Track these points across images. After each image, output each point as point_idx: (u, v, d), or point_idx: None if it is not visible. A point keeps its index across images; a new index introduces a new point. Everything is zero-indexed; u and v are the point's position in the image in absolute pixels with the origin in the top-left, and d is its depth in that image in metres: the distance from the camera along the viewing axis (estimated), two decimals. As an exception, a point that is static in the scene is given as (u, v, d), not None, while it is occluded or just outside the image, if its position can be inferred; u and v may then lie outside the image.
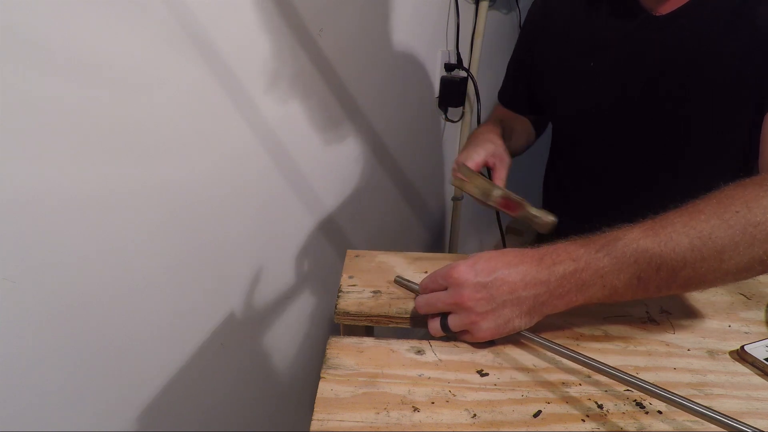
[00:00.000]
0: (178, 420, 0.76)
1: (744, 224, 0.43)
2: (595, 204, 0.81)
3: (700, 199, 0.46)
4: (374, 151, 1.08)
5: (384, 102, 1.06)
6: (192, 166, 0.65)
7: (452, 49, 1.28)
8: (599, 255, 0.44)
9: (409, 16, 1.05)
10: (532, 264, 0.46)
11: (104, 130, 0.54)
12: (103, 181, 0.55)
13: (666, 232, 0.44)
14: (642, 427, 0.41)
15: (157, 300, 0.66)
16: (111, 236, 0.58)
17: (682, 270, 0.44)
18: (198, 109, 0.64)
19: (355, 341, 0.50)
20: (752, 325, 0.54)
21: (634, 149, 0.72)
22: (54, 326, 0.55)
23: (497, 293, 0.45)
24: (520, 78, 0.87)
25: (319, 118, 0.87)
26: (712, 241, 0.43)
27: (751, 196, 0.44)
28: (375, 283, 0.59)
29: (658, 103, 0.67)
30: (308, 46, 0.79)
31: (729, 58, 0.61)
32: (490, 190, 0.62)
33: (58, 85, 0.48)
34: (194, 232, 0.69)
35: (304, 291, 0.97)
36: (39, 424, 0.56)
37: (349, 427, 0.40)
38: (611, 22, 0.70)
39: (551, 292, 0.45)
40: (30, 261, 0.51)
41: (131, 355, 0.65)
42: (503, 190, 0.63)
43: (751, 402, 0.44)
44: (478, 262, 0.47)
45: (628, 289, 0.45)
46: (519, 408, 0.43)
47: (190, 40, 0.60)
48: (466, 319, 0.47)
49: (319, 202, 0.94)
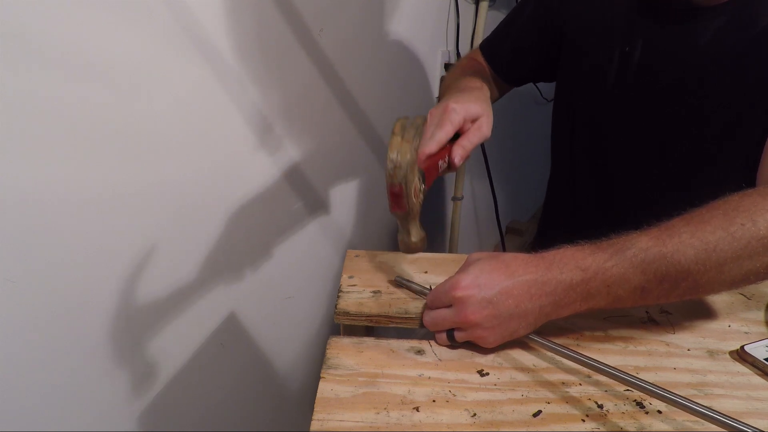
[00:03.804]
0: (178, 420, 0.76)
1: (749, 238, 0.43)
2: (608, 206, 0.78)
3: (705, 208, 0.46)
4: (375, 151, 1.08)
5: (384, 102, 1.05)
6: (192, 165, 0.65)
7: (452, 49, 1.28)
8: (608, 265, 0.44)
9: (409, 16, 1.05)
10: (537, 273, 0.45)
11: (104, 130, 0.54)
12: (103, 181, 0.55)
13: (673, 242, 0.43)
14: (642, 427, 0.41)
15: (157, 300, 0.66)
16: (111, 236, 0.58)
17: (684, 281, 0.44)
18: (198, 109, 0.64)
19: (355, 341, 0.50)
20: (752, 325, 0.54)
21: (660, 142, 0.69)
22: (54, 326, 0.55)
23: (503, 308, 0.45)
24: (523, 43, 0.81)
25: (319, 118, 0.87)
26: (716, 253, 0.43)
27: (755, 209, 0.44)
28: (375, 283, 0.59)
29: (691, 96, 0.64)
30: (308, 46, 0.79)
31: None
32: (408, 165, 0.49)
33: (58, 85, 0.48)
34: (194, 232, 0.69)
35: (304, 291, 0.97)
36: (39, 424, 0.56)
37: (349, 427, 0.40)
38: (649, 8, 0.66)
39: (557, 303, 0.45)
40: (30, 261, 0.51)
41: (131, 355, 0.65)
42: (418, 178, 0.51)
43: (751, 402, 0.44)
44: (480, 275, 0.46)
45: (630, 298, 0.45)
46: (519, 408, 0.43)
47: (190, 40, 0.60)
48: (472, 335, 0.47)
49: (319, 201, 0.94)
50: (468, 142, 0.56)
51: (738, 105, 0.62)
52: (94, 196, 0.55)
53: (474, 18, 1.32)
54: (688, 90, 0.64)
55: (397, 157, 0.49)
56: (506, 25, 0.85)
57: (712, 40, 0.61)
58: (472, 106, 0.57)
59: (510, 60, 0.84)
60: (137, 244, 0.61)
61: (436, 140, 0.53)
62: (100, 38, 0.51)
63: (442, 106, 0.56)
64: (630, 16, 0.68)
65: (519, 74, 0.86)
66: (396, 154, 0.49)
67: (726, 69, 0.61)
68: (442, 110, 0.55)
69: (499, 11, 1.44)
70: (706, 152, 0.66)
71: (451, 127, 0.54)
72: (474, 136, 0.57)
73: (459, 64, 0.89)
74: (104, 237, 0.57)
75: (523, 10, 0.81)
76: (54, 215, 0.52)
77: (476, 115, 0.57)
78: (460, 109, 0.55)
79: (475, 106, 0.57)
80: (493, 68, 0.86)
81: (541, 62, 0.82)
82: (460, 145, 0.56)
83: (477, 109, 0.57)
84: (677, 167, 0.69)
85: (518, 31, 0.82)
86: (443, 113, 0.55)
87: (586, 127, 0.77)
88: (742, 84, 0.61)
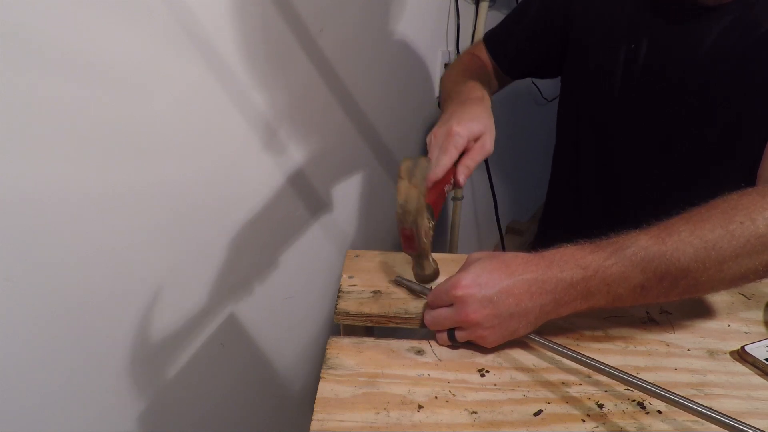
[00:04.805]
0: (178, 420, 0.76)
1: (748, 236, 0.43)
2: (611, 205, 0.78)
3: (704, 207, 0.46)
4: (374, 151, 1.08)
5: (384, 102, 1.05)
6: (192, 165, 0.65)
7: (452, 49, 1.28)
8: (608, 263, 0.44)
9: (409, 17, 1.05)
10: (537, 272, 0.45)
11: (104, 130, 0.54)
12: (103, 180, 0.55)
13: (672, 241, 0.44)
14: (642, 427, 0.41)
15: (157, 300, 0.66)
16: (111, 236, 0.58)
17: (683, 279, 0.44)
18: (198, 109, 0.64)
19: (355, 341, 0.50)
20: (752, 325, 0.54)
21: (665, 142, 0.69)
22: (54, 326, 0.55)
23: (503, 307, 0.45)
24: (530, 40, 0.81)
25: (319, 118, 0.87)
26: (716, 251, 0.43)
27: (754, 207, 0.44)
28: (375, 283, 0.59)
29: (694, 95, 0.64)
30: (308, 46, 0.79)
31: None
32: (417, 210, 0.49)
33: (58, 85, 0.48)
34: (194, 232, 0.69)
35: (304, 291, 0.97)
36: (39, 424, 0.56)
37: (349, 427, 0.40)
38: (655, 7, 0.66)
39: (557, 301, 0.45)
40: (30, 261, 0.51)
41: (131, 355, 0.65)
42: (429, 221, 0.52)
43: (751, 402, 0.44)
44: (481, 275, 0.46)
45: (630, 297, 0.45)
46: (519, 408, 0.43)
47: (190, 40, 0.60)
48: (473, 334, 0.47)
49: (319, 201, 0.94)
50: (471, 161, 0.57)
51: (740, 105, 0.62)
52: (94, 196, 0.55)
53: (474, 18, 1.32)
54: (692, 90, 0.64)
55: (406, 203, 0.50)
56: (512, 21, 0.85)
57: (717, 40, 0.61)
58: (475, 125, 0.57)
59: (514, 56, 0.84)
60: (137, 244, 0.61)
61: (441, 166, 0.54)
62: (100, 38, 0.51)
63: (445, 129, 0.56)
64: (636, 15, 0.68)
65: (523, 70, 0.86)
66: (404, 199, 0.50)
67: (729, 69, 0.61)
68: (446, 134, 0.56)
69: (499, 11, 1.44)
70: (710, 152, 0.66)
71: (456, 152, 0.55)
72: (477, 155, 0.57)
73: (460, 61, 0.89)
74: (104, 237, 0.57)
75: (530, 6, 0.82)
76: (54, 215, 0.52)
77: (479, 134, 0.58)
78: (463, 131, 0.56)
79: (478, 125, 0.57)
80: (497, 63, 0.86)
81: (545, 59, 0.82)
82: (464, 165, 0.57)
83: (479, 128, 0.57)
84: (682, 167, 0.69)
85: (524, 27, 0.82)
86: (447, 138, 0.55)
87: (592, 126, 0.77)
88: (745, 85, 0.61)
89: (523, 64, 0.85)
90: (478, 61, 0.86)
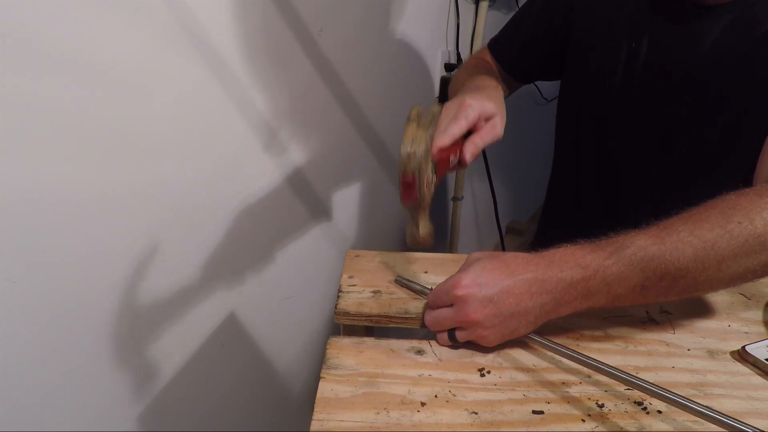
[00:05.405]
0: (178, 420, 0.76)
1: (746, 236, 0.43)
2: (612, 205, 0.77)
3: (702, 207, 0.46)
4: (374, 151, 1.08)
5: (384, 102, 1.05)
6: (192, 165, 0.65)
7: (452, 49, 1.28)
8: (608, 263, 0.44)
9: (409, 17, 1.05)
10: (538, 271, 0.45)
11: (104, 130, 0.54)
12: (103, 181, 0.55)
13: (672, 240, 0.44)
14: (642, 427, 0.41)
15: (157, 300, 0.66)
16: (111, 236, 0.58)
17: (682, 279, 0.44)
18: (198, 109, 0.64)
19: (355, 341, 0.50)
20: (752, 325, 0.54)
21: (666, 141, 0.68)
22: (54, 326, 0.55)
23: (504, 306, 0.45)
24: (532, 41, 0.82)
25: (319, 118, 0.87)
26: (714, 251, 0.43)
27: (752, 207, 0.44)
28: (375, 283, 0.59)
29: (694, 95, 0.64)
30: (308, 46, 0.79)
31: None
32: (422, 155, 0.47)
33: (58, 85, 0.48)
34: (195, 232, 0.69)
35: (304, 291, 0.97)
36: (39, 424, 0.56)
37: (349, 427, 0.40)
38: (656, 6, 0.66)
39: (557, 301, 0.45)
40: (30, 261, 0.51)
41: (131, 355, 0.65)
42: (430, 162, 0.49)
43: (751, 402, 0.44)
44: (481, 274, 0.46)
45: (630, 296, 0.45)
46: (519, 408, 0.43)
47: (190, 40, 0.60)
48: (473, 334, 0.47)
49: (319, 201, 0.94)
50: (480, 140, 0.55)
51: (740, 105, 0.62)
52: (94, 196, 0.55)
53: (474, 18, 1.32)
54: (692, 89, 0.64)
55: (412, 145, 0.47)
56: (515, 23, 0.86)
57: (717, 40, 0.61)
58: (488, 104, 0.56)
59: (518, 57, 0.84)
60: (137, 244, 0.61)
61: (449, 134, 0.51)
62: (100, 38, 0.51)
63: (458, 100, 0.55)
64: (636, 14, 0.68)
65: (527, 71, 0.86)
66: (411, 142, 0.47)
67: (729, 69, 0.61)
68: (458, 105, 0.54)
69: (499, 11, 1.44)
70: (710, 152, 0.66)
71: (466, 123, 0.53)
72: (487, 135, 0.56)
73: (468, 63, 0.89)
74: (104, 237, 0.57)
75: (532, 7, 0.82)
76: (54, 215, 0.52)
77: (491, 114, 0.57)
78: (476, 105, 0.54)
79: (491, 105, 0.56)
80: (501, 65, 0.86)
81: (549, 60, 0.83)
82: (472, 142, 0.55)
83: (492, 108, 0.56)
84: (682, 167, 0.69)
85: (527, 28, 0.83)
86: (459, 108, 0.54)
87: (592, 125, 0.77)
88: (745, 84, 0.61)
89: (527, 64, 0.85)
90: (487, 64, 0.87)
